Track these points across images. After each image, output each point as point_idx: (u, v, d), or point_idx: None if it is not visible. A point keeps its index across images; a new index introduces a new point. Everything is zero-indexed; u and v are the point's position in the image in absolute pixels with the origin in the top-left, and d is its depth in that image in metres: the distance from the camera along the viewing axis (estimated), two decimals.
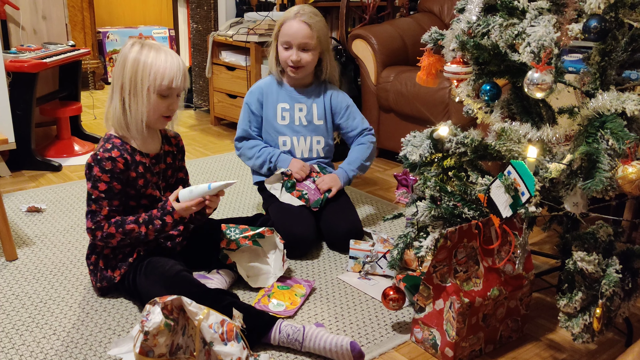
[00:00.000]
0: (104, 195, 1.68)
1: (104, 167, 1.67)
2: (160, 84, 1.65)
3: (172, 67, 1.66)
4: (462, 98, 1.67)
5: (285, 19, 2.22)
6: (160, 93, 1.67)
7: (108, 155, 1.67)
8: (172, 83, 1.66)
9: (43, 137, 3.44)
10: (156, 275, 1.67)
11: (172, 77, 1.65)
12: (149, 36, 5.51)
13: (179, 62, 1.68)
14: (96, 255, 1.79)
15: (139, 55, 1.65)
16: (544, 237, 2.30)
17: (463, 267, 1.53)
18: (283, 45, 2.22)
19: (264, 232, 1.91)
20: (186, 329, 1.43)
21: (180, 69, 1.68)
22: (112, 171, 1.67)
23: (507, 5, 1.50)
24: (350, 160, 2.34)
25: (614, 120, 1.35)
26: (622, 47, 1.46)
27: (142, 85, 1.65)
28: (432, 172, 1.68)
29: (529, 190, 1.38)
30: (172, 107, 1.72)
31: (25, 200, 2.57)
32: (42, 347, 1.57)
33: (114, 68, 1.70)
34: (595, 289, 1.45)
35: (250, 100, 2.32)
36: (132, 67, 1.65)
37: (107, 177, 1.67)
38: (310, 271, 2.01)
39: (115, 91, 1.70)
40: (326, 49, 2.27)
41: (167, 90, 1.67)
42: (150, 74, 1.64)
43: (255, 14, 3.64)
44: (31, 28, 3.50)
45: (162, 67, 1.64)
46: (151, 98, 1.67)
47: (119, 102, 1.69)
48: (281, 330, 1.57)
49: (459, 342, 1.52)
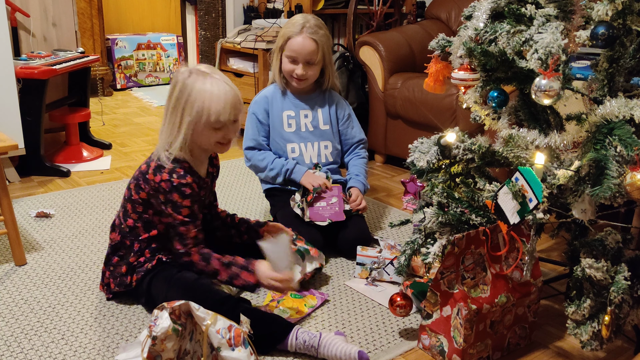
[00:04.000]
0: (188, 219, 1.69)
1: (184, 192, 1.67)
2: (209, 120, 1.63)
3: (219, 100, 1.62)
4: (469, 104, 1.67)
5: (292, 33, 2.20)
6: (215, 127, 1.66)
7: (185, 181, 1.67)
8: (220, 117, 1.64)
9: (52, 143, 3.46)
10: (174, 281, 1.68)
11: (219, 112, 1.63)
12: (157, 43, 5.55)
13: (227, 92, 1.64)
14: (119, 258, 1.80)
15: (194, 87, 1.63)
16: (552, 244, 2.29)
17: (470, 274, 1.53)
18: (288, 58, 2.23)
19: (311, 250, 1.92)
20: (194, 334, 1.44)
21: (228, 100, 1.64)
22: (192, 195, 1.68)
23: (515, 12, 1.50)
24: (361, 176, 2.36)
25: (622, 126, 1.34)
26: (630, 54, 1.46)
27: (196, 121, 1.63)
28: (439, 179, 1.68)
29: (536, 197, 1.37)
30: (227, 136, 1.71)
31: (34, 206, 2.59)
32: (51, 352, 1.58)
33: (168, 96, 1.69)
34: (604, 296, 1.44)
35: (256, 110, 2.32)
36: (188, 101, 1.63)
37: (189, 202, 1.68)
38: (317, 277, 2.01)
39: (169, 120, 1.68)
40: (329, 62, 2.30)
41: (217, 124, 1.66)
42: (198, 109, 1.62)
43: (263, 21, 3.65)
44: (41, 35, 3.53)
45: (207, 101, 1.62)
46: (204, 131, 1.66)
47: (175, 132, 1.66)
48: (298, 336, 1.58)
49: (467, 349, 1.52)
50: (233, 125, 1.70)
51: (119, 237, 1.79)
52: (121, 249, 1.79)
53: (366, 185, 2.36)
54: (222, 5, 3.93)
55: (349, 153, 2.44)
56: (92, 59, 3.42)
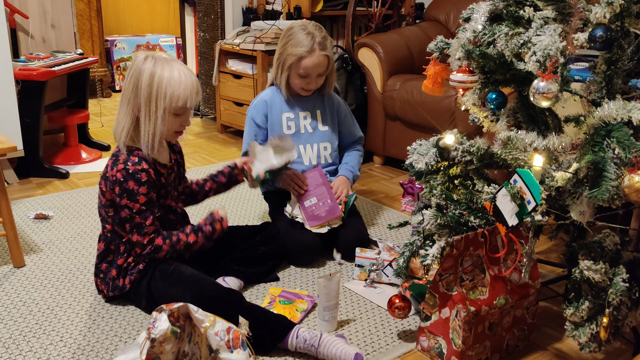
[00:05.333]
0: (145, 207, 1.68)
1: (139, 179, 1.66)
2: (176, 105, 1.64)
3: (187, 87, 1.64)
4: (468, 106, 1.67)
5: (303, 52, 2.15)
6: (175, 113, 1.67)
7: (140, 167, 1.67)
8: (187, 103, 1.66)
9: (51, 144, 3.46)
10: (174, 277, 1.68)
11: (186, 97, 1.64)
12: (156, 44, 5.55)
13: (192, 80, 1.66)
14: (107, 264, 1.80)
15: (152, 73, 1.62)
16: (550, 246, 2.29)
17: (469, 276, 1.53)
18: (301, 75, 2.21)
19: None
20: (192, 336, 1.44)
21: (194, 87, 1.66)
22: (148, 181, 1.68)
23: (513, 14, 1.50)
24: (352, 164, 2.40)
25: (620, 129, 1.35)
26: (628, 56, 1.46)
27: (158, 106, 1.64)
28: (438, 180, 1.68)
29: (535, 199, 1.38)
30: (185, 123, 1.73)
31: (33, 207, 2.59)
32: (49, 354, 1.58)
33: (125, 82, 1.67)
34: (602, 298, 1.45)
35: (254, 114, 2.32)
36: (147, 86, 1.62)
37: (145, 189, 1.67)
38: (316, 279, 2.01)
39: (126, 107, 1.67)
40: (333, 68, 2.31)
41: (182, 110, 1.68)
42: (166, 96, 1.62)
43: (262, 22, 3.66)
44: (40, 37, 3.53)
45: (177, 88, 1.62)
46: (166, 118, 1.66)
47: (130, 118, 1.67)
48: (298, 335, 1.58)
49: (465, 350, 1.52)
50: (190, 113, 1.73)
51: (103, 245, 1.80)
52: (108, 255, 1.79)
53: (355, 173, 2.38)
54: (221, 6, 3.93)
55: (346, 149, 2.46)
56: (91, 61, 3.42)
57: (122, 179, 1.66)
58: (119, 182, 1.66)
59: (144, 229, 1.68)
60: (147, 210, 1.68)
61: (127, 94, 1.66)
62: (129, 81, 1.66)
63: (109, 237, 1.78)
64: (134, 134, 1.70)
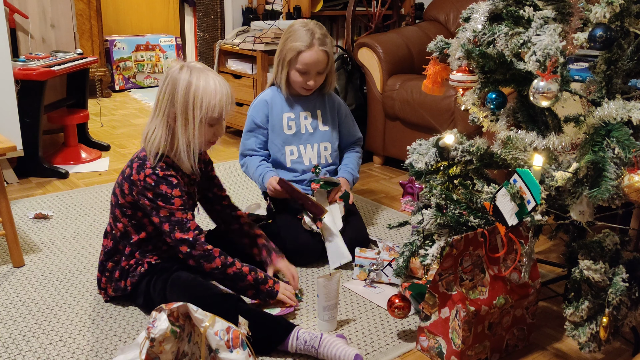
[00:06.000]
0: (182, 207, 1.66)
1: (171, 182, 1.65)
2: (212, 115, 1.63)
3: (223, 97, 1.63)
4: (467, 106, 1.67)
5: (302, 47, 2.16)
6: (210, 123, 1.66)
7: (169, 172, 1.66)
8: (223, 114, 1.65)
9: (50, 144, 3.46)
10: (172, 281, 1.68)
11: (222, 107, 1.63)
12: (156, 44, 5.55)
13: (227, 90, 1.65)
14: (113, 264, 1.79)
15: (190, 81, 1.61)
16: (550, 246, 2.29)
17: (469, 276, 1.53)
18: (299, 71, 2.22)
19: None
20: (192, 336, 1.44)
21: (229, 97, 1.65)
22: (179, 184, 1.67)
23: (513, 14, 1.50)
24: (351, 166, 2.40)
25: (620, 128, 1.35)
26: (627, 56, 1.46)
27: (195, 116, 1.62)
28: (437, 180, 1.68)
29: (534, 199, 1.38)
30: (218, 133, 1.72)
31: (32, 207, 2.59)
32: (49, 354, 1.58)
33: (159, 91, 1.66)
34: (602, 297, 1.44)
35: (254, 114, 2.32)
36: (184, 95, 1.61)
37: (178, 192, 1.66)
38: (315, 279, 2.00)
39: (161, 117, 1.65)
40: (333, 67, 2.31)
41: (217, 120, 1.67)
42: (202, 106, 1.61)
43: (262, 22, 3.65)
44: (40, 36, 3.53)
45: (212, 98, 1.61)
46: (202, 128, 1.65)
47: (165, 128, 1.66)
48: (299, 337, 1.58)
49: (465, 350, 1.52)
50: (223, 123, 1.72)
51: (111, 244, 1.79)
52: (115, 254, 1.79)
53: (354, 175, 2.37)
54: (220, 6, 3.93)
55: (345, 150, 2.46)
56: (90, 61, 3.42)
57: (153, 184, 1.64)
58: (150, 188, 1.65)
59: (187, 224, 1.66)
60: (185, 210, 1.67)
61: (163, 104, 1.64)
62: (164, 91, 1.64)
63: (117, 237, 1.77)
64: (168, 144, 1.68)
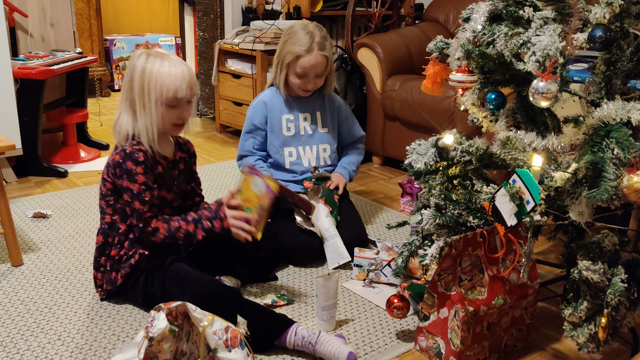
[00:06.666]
0: (144, 187, 1.69)
1: (136, 159, 1.68)
2: (167, 96, 1.66)
3: (176, 78, 1.65)
4: (467, 107, 1.67)
5: (301, 51, 2.16)
6: (167, 104, 1.68)
7: (137, 148, 1.69)
8: (178, 94, 1.67)
9: (49, 143, 3.46)
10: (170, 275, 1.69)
11: (176, 88, 1.66)
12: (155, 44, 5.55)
13: (184, 71, 1.68)
14: (106, 258, 1.80)
15: (144, 66, 1.66)
16: (549, 246, 2.29)
17: (468, 276, 1.53)
18: (297, 74, 2.21)
19: None
20: (190, 335, 1.43)
21: (185, 78, 1.67)
22: (145, 162, 1.69)
23: (513, 14, 1.50)
24: (350, 160, 2.41)
25: (620, 129, 1.35)
26: (627, 57, 1.46)
27: (150, 98, 1.66)
28: (437, 180, 1.68)
29: (534, 199, 1.38)
30: (182, 116, 1.73)
31: (31, 206, 2.58)
32: (47, 353, 1.57)
33: (123, 79, 1.73)
34: (601, 298, 1.44)
35: (253, 115, 2.32)
36: (139, 80, 1.66)
37: (142, 169, 1.69)
38: (314, 279, 2.00)
39: (124, 103, 1.71)
40: (333, 69, 2.30)
41: (174, 101, 1.68)
42: (156, 87, 1.65)
43: (262, 22, 3.65)
44: (39, 35, 3.52)
45: (166, 79, 1.65)
46: (160, 109, 1.68)
47: (129, 113, 1.70)
48: (297, 332, 1.58)
49: (464, 350, 1.52)
50: (188, 106, 1.73)
51: (102, 238, 1.80)
52: (106, 248, 1.80)
53: (349, 169, 2.38)
54: (220, 6, 3.93)
55: (347, 148, 2.46)
56: (90, 60, 3.42)
57: (120, 160, 1.69)
58: (118, 164, 1.69)
59: (143, 215, 1.69)
60: (146, 190, 1.69)
61: (124, 90, 1.71)
62: (125, 78, 1.71)
63: (106, 230, 1.78)
64: (132, 130, 1.71)
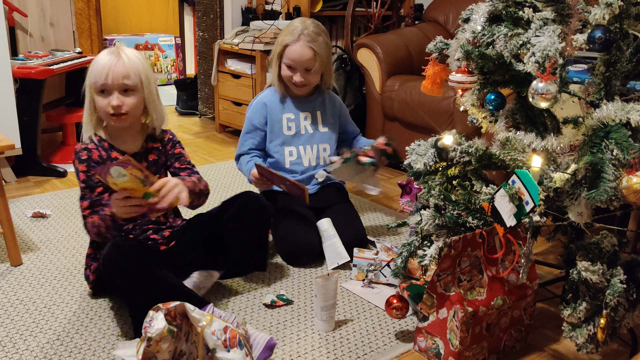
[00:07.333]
0: (84, 184, 1.72)
1: (80, 157, 1.73)
2: (94, 82, 1.67)
3: (104, 65, 1.65)
4: (466, 107, 1.67)
5: (289, 41, 2.18)
6: (96, 91, 1.68)
7: (84, 146, 1.74)
8: (102, 80, 1.65)
9: (49, 143, 3.46)
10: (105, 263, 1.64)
11: (99, 73, 1.65)
12: (155, 44, 5.54)
13: (112, 59, 1.65)
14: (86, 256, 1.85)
15: None
16: (548, 247, 2.29)
17: (467, 276, 1.53)
18: (287, 65, 2.22)
19: None
20: (189, 335, 1.43)
21: (112, 66, 1.64)
22: (88, 160, 1.72)
23: (512, 15, 1.50)
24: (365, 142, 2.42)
25: (619, 130, 1.35)
26: (626, 58, 1.46)
27: (87, 87, 1.70)
28: (436, 181, 1.68)
29: (533, 200, 1.38)
30: (112, 104, 1.67)
31: (31, 206, 2.58)
32: (46, 353, 1.57)
33: None
34: (600, 299, 1.45)
35: (252, 116, 2.32)
36: None
37: (84, 167, 1.72)
38: (313, 279, 2.00)
39: None
40: (328, 67, 2.28)
41: (101, 87, 1.67)
42: (90, 76, 1.68)
43: (261, 22, 3.65)
44: (39, 35, 3.52)
45: (95, 66, 1.67)
46: (92, 97, 1.70)
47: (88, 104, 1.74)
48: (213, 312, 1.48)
49: (463, 351, 1.52)
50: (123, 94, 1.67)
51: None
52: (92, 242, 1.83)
53: None
54: (220, 6, 3.93)
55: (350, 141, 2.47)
56: (89, 59, 3.41)
57: (73, 160, 1.75)
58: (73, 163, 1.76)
59: (82, 212, 1.71)
60: (86, 187, 1.72)
61: None
62: None
63: None
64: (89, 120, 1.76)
